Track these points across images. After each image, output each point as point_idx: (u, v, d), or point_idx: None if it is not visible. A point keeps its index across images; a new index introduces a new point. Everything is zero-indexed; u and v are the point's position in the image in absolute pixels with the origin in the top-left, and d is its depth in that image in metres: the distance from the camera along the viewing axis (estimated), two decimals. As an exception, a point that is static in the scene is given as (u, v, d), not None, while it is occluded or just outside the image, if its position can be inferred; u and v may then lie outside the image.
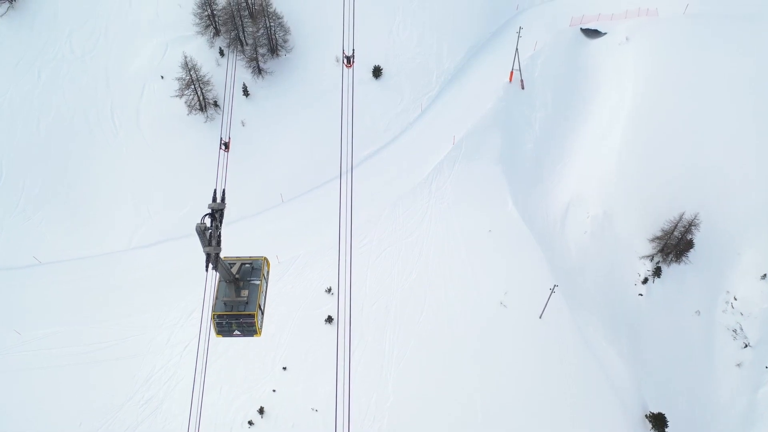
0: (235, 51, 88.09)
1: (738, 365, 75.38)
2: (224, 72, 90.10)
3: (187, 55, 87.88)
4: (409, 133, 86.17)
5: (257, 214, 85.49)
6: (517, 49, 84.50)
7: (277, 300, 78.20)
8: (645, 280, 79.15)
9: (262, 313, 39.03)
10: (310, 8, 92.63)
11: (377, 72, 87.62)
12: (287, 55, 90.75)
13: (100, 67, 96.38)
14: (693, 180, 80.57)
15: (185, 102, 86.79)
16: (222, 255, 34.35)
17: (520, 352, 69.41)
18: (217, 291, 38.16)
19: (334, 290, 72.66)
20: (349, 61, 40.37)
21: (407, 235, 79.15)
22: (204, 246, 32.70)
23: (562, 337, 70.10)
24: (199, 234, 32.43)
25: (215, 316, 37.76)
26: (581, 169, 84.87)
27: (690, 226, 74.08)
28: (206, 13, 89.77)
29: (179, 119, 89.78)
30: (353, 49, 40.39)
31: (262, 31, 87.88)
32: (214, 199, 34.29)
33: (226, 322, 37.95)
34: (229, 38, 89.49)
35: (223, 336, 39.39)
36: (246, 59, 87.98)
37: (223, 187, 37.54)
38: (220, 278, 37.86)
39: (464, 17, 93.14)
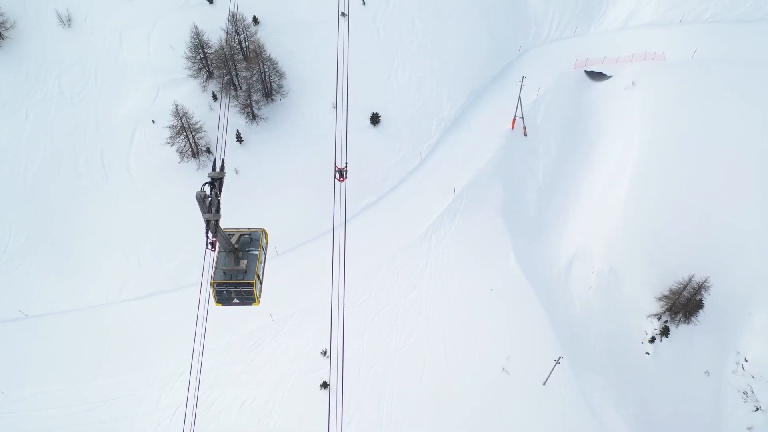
0: (228, 96, 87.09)
1: (749, 429, 74.06)
2: (217, 117, 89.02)
3: (178, 103, 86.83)
4: (409, 183, 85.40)
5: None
6: (519, 97, 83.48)
7: (271, 362, 77.20)
8: (652, 339, 77.97)
9: (261, 283, 40.53)
10: (305, 52, 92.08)
11: (375, 119, 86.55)
12: (282, 100, 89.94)
13: (89, 110, 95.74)
14: (702, 236, 79.47)
15: (177, 150, 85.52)
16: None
17: (524, 421, 68.26)
18: (217, 261, 39.46)
19: (330, 352, 71.26)
20: (341, 175, 38.75)
21: (406, 292, 78.04)
22: (204, 213, 34.55)
23: (567, 406, 68.98)
24: (199, 201, 34.26)
25: (215, 285, 38.99)
26: (586, 221, 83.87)
27: (700, 289, 72.64)
28: (199, 56, 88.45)
29: (171, 166, 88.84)
30: (346, 162, 38.71)
31: (256, 76, 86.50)
32: (214, 168, 35.81)
33: (226, 291, 39.34)
34: (223, 82, 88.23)
35: (223, 304, 40.88)
36: (240, 105, 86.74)
37: (222, 157, 38.52)
38: (219, 248, 39.15)
39: (465, 60, 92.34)
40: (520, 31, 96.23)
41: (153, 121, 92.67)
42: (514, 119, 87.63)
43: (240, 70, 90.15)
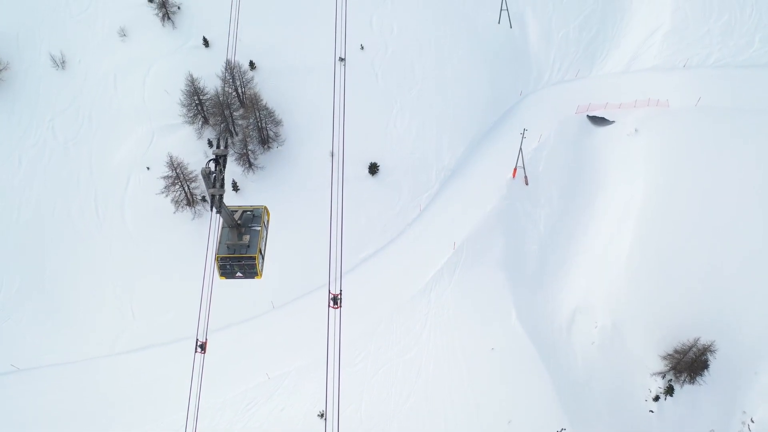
0: (224, 144, 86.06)
1: (756, 491, 72.99)
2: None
3: (172, 153, 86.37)
4: (408, 235, 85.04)
5: (246, 320, 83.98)
6: (521, 149, 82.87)
7: (268, 423, 76.38)
8: (656, 398, 77.36)
9: (263, 258, 43.60)
10: (303, 98, 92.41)
11: (373, 169, 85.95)
12: (279, 148, 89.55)
13: (83, 156, 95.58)
14: (708, 292, 78.95)
15: (171, 200, 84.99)
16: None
17: (525, 488, 67.21)
18: (221, 236, 42.40)
19: (327, 414, 70.39)
20: (336, 302, 38.10)
21: (405, 351, 77.59)
22: (208, 188, 36.50)
23: (569, 474, 67.90)
24: (204, 177, 36.34)
25: (219, 258, 41.65)
26: (588, 273, 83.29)
27: (705, 351, 71.90)
28: (194, 102, 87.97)
29: (166, 215, 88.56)
30: (341, 289, 38.02)
31: (252, 125, 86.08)
32: (218, 146, 38.11)
33: (229, 265, 42.04)
34: (219, 130, 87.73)
35: (227, 278, 43.90)
36: (236, 154, 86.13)
37: (226, 136, 39.23)
38: (223, 224, 41.91)
39: (466, 107, 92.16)
40: (521, 75, 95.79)
41: (148, 168, 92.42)
42: (515, 169, 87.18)
43: (236, 117, 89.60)
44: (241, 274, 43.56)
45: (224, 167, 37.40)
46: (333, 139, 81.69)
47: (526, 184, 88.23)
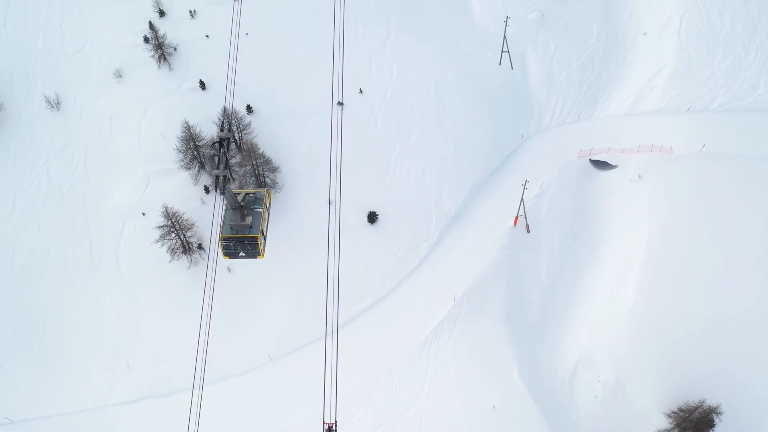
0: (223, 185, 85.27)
1: None
2: (210, 210, 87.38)
3: (168, 199, 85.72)
4: (407, 286, 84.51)
5: (243, 373, 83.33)
6: (522, 199, 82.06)
7: (264, 488, 75.48)
8: (661, 456, 75.91)
9: (265, 238, 45.26)
10: (300, 143, 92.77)
11: (372, 217, 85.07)
12: (277, 194, 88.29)
13: (78, 199, 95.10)
14: (714, 348, 78.37)
15: (167, 250, 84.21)
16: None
17: None
18: (224, 217, 44.34)
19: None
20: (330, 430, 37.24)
21: (404, 408, 76.90)
22: (213, 169, 38.23)
23: None
24: (208, 159, 39.85)
25: (222, 239, 43.60)
26: (591, 324, 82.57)
27: (711, 412, 70.89)
28: (190, 148, 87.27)
29: (161, 263, 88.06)
30: (336, 420, 37.18)
31: (249, 172, 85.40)
32: (222, 129, 39.84)
33: (233, 244, 44.00)
34: (215, 179, 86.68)
35: (230, 257, 46.05)
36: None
37: (230, 120, 40.45)
38: (226, 206, 44.00)
39: (465, 151, 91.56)
40: (523, 118, 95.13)
41: (143, 214, 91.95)
42: (517, 217, 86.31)
43: (233, 165, 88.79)
44: (243, 254, 45.03)
45: (228, 149, 39.48)
46: (330, 186, 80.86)
47: (528, 231, 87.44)
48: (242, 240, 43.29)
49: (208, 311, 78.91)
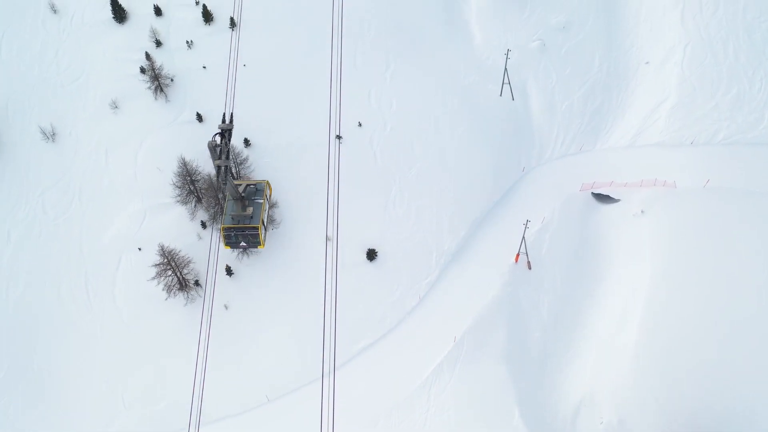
0: (218, 230, 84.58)
1: None
2: (207, 246, 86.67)
3: (164, 234, 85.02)
4: (407, 325, 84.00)
5: (240, 413, 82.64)
6: (524, 237, 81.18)
7: None
8: (665, 501, 74.74)
9: (265, 229, 45.90)
10: (298, 178, 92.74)
11: (371, 255, 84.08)
12: (274, 230, 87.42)
13: (73, 232, 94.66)
14: (720, 389, 76.84)
15: (163, 287, 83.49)
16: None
17: None
18: (226, 208, 45.47)
19: None
20: None
21: (404, 455, 75.36)
22: (214, 160, 39.87)
23: None
24: (210, 149, 39.79)
25: (224, 229, 44.75)
26: (594, 363, 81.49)
27: (715, 461, 70.01)
28: (186, 183, 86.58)
29: (158, 300, 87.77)
30: None
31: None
32: (224, 121, 41.12)
33: (234, 234, 45.72)
34: (212, 212, 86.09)
35: (231, 247, 48.33)
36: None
37: (231, 111, 44.13)
38: (228, 196, 44.11)
39: (466, 185, 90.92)
40: (524, 149, 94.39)
41: (139, 249, 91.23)
42: (518, 254, 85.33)
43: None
44: (245, 244, 46.27)
45: (229, 140, 40.23)
46: (327, 222, 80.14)
47: (529, 268, 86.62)
48: (243, 230, 44.10)
49: (204, 350, 78.41)
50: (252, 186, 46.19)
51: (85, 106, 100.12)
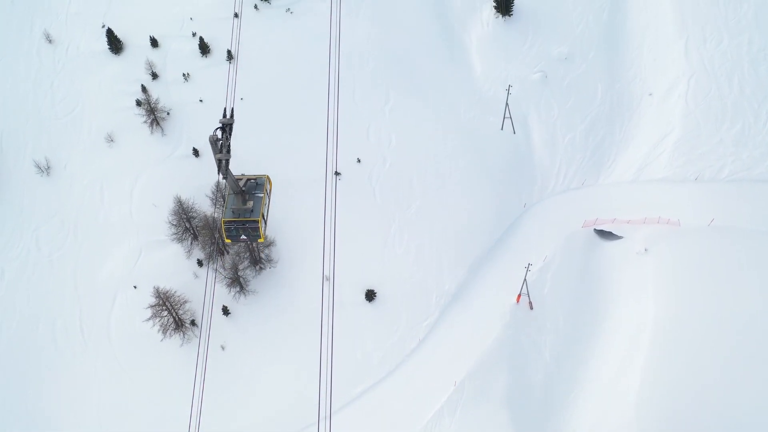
0: (215, 269, 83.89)
1: None
2: (203, 284, 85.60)
3: (160, 273, 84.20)
4: (406, 368, 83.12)
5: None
6: (525, 280, 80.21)
7: None
8: None
9: (265, 222, 47.72)
10: (296, 215, 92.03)
11: (370, 295, 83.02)
12: (272, 269, 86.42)
13: (68, 269, 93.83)
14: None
15: (159, 329, 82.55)
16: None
17: None
18: (226, 201, 46.40)
19: None
20: None
21: (404, 506, 74.16)
22: (215, 154, 40.35)
23: None
24: (211, 143, 40.21)
25: (224, 222, 46.02)
26: (596, 408, 79.91)
27: None
28: (182, 221, 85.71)
29: (153, 340, 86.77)
30: None
31: (244, 249, 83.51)
32: (224, 116, 41.78)
33: (234, 228, 46.26)
34: (208, 251, 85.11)
35: (232, 241, 48.51)
36: (227, 279, 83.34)
37: (232, 106, 44.98)
38: (229, 191, 46.00)
39: (466, 223, 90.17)
40: (525, 184, 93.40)
41: (135, 287, 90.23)
42: (519, 295, 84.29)
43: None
44: (245, 237, 47.22)
45: (230, 134, 41.12)
46: (325, 261, 78.91)
47: (531, 308, 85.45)
48: (244, 223, 45.39)
49: (200, 393, 77.23)
50: (252, 180, 47.27)
51: (80, 139, 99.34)
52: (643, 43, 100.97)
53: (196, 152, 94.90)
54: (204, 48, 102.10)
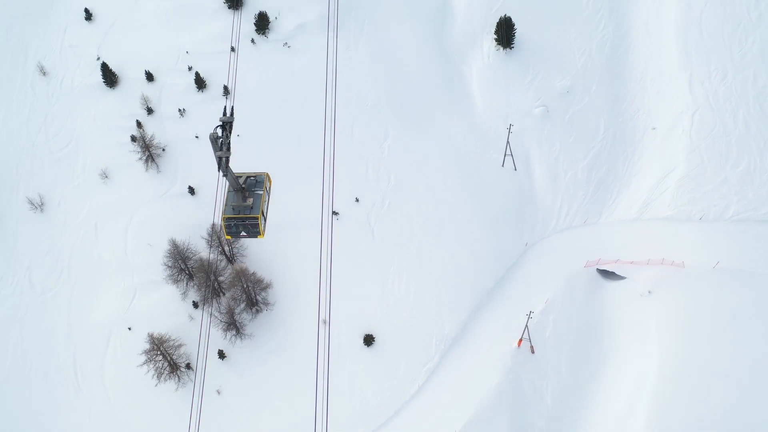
0: (210, 311, 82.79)
1: None
2: (198, 327, 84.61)
3: (154, 314, 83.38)
4: (405, 414, 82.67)
5: None
6: (527, 326, 79.07)
7: None
8: None
9: (265, 219, 48.62)
10: (293, 256, 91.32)
11: (368, 340, 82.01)
12: (268, 312, 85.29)
13: (61, 309, 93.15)
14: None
15: (153, 374, 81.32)
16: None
17: None
18: (226, 199, 47.31)
19: None
20: None
21: None
22: (216, 151, 41.38)
23: None
24: (212, 141, 41.17)
25: (225, 219, 46.94)
26: (600, 456, 78.26)
27: None
28: (177, 263, 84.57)
29: (148, 384, 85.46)
30: None
31: (239, 289, 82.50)
32: (225, 114, 42.47)
33: (234, 224, 47.26)
34: (203, 293, 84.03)
35: (232, 237, 49.36)
36: (223, 324, 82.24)
37: (232, 104, 45.52)
38: (229, 188, 46.88)
39: (467, 263, 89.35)
40: (526, 223, 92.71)
41: (129, 329, 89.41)
42: (521, 339, 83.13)
43: (223, 281, 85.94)
44: (245, 233, 48.00)
45: (230, 133, 42.04)
46: (322, 304, 77.74)
47: (532, 352, 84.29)
48: (244, 220, 46.12)
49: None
50: (252, 178, 48.03)
51: (75, 175, 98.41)
52: (645, 76, 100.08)
53: (192, 190, 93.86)
54: (200, 83, 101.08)
